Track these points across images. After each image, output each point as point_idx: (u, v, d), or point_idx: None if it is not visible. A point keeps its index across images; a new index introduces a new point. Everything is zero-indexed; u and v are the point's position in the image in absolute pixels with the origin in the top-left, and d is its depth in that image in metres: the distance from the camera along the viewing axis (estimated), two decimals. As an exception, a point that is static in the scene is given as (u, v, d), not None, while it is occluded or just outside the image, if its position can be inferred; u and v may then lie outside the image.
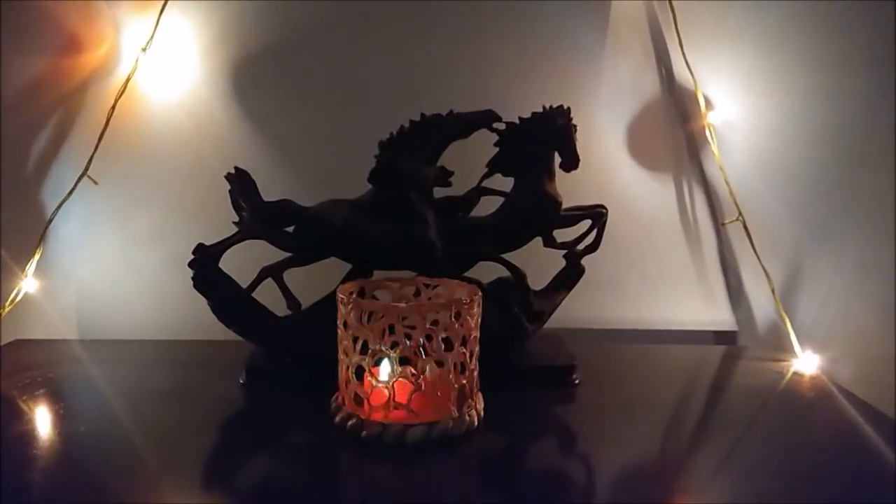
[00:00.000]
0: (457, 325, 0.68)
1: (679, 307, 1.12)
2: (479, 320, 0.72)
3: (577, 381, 0.86)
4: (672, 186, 1.09)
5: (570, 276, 0.92)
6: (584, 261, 0.90)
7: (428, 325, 0.67)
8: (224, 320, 0.82)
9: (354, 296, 0.72)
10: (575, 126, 0.87)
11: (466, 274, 0.85)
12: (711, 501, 0.63)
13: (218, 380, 0.84)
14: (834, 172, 1.09)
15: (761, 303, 1.12)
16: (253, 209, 0.81)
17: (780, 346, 1.06)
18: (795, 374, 0.97)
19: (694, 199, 1.10)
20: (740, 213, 1.04)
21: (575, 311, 0.95)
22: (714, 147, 1.05)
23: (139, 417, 0.75)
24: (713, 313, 1.13)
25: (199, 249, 0.80)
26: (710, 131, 1.05)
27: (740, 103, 1.07)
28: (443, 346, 0.68)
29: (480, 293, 0.73)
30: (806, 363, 0.99)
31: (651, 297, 1.12)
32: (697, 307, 1.13)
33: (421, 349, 0.66)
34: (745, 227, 1.04)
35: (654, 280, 1.11)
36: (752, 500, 0.63)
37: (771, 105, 1.07)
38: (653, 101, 1.07)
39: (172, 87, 1.02)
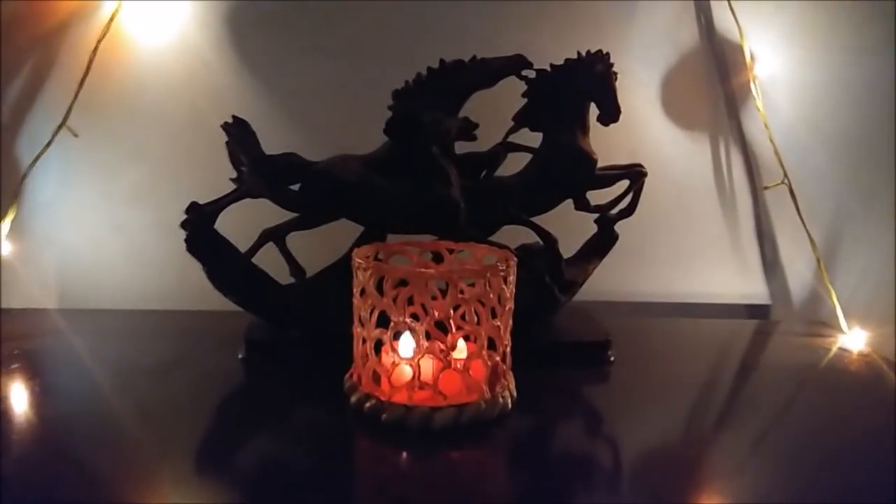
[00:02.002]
0: (491, 295, 0.62)
1: (710, 278, 1.07)
2: (514, 290, 0.66)
3: (612, 359, 0.81)
4: (708, 146, 1.04)
5: (603, 242, 0.86)
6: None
7: (458, 295, 0.61)
8: (220, 288, 0.77)
9: (373, 260, 0.67)
10: (615, 73, 0.81)
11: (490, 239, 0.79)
12: (757, 485, 0.59)
13: (214, 354, 0.80)
14: (880, 133, 1.02)
15: (797, 274, 1.06)
16: (253, 163, 0.75)
17: (815, 321, 1.02)
18: (841, 349, 0.91)
19: (731, 161, 1.04)
20: (786, 176, 0.97)
21: (598, 282, 0.88)
22: (759, 103, 0.98)
23: (126, 396, 0.70)
24: (746, 285, 1.08)
25: (193, 208, 0.75)
26: (756, 85, 0.98)
27: (783, 58, 1.01)
28: (475, 319, 0.62)
29: (516, 259, 0.66)
30: (854, 339, 0.93)
31: (680, 267, 1.07)
32: (730, 278, 1.07)
33: (450, 321, 0.61)
34: (791, 192, 0.98)
35: (684, 249, 1.06)
36: (799, 484, 0.58)
37: (816, 61, 1.00)
38: (690, 52, 1.01)
39: (161, 30, 0.95)
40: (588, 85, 0.80)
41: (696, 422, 0.70)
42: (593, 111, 0.82)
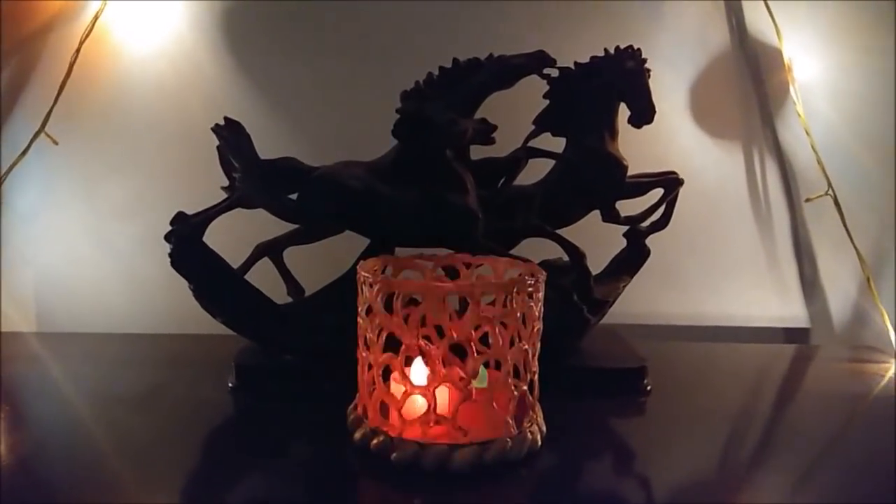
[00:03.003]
0: (518, 314, 0.56)
1: (743, 299, 1.02)
2: (543, 308, 0.60)
3: (649, 388, 0.76)
4: (741, 156, 1.00)
5: (634, 258, 0.81)
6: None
7: (480, 314, 0.55)
8: (209, 308, 0.73)
9: (382, 274, 0.62)
10: (648, 70, 0.77)
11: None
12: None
13: (201, 382, 0.76)
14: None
15: (839, 294, 1.02)
16: (246, 169, 0.72)
17: (860, 345, 0.97)
18: (901, 377, 0.86)
19: (766, 171, 1.00)
20: (830, 187, 0.93)
21: (621, 303, 0.83)
22: (799, 107, 0.94)
23: (105, 428, 0.67)
24: (783, 306, 1.03)
25: (179, 219, 0.71)
26: (795, 89, 0.94)
27: (820, 60, 0.97)
28: (499, 342, 0.56)
29: (545, 272, 0.61)
30: (911, 366, 0.88)
31: (711, 287, 1.02)
32: (765, 299, 1.02)
33: (471, 344, 0.56)
34: (837, 203, 0.93)
35: (715, 267, 1.02)
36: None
37: (857, 63, 0.97)
38: (721, 54, 0.98)
39: (150, 30, 0.93)
40: (618, 83, 0.76)
41: (739, 461, 0.65)
42: (622, 113, 0.78)
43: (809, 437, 0.69)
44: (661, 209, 0.80)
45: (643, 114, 0.76)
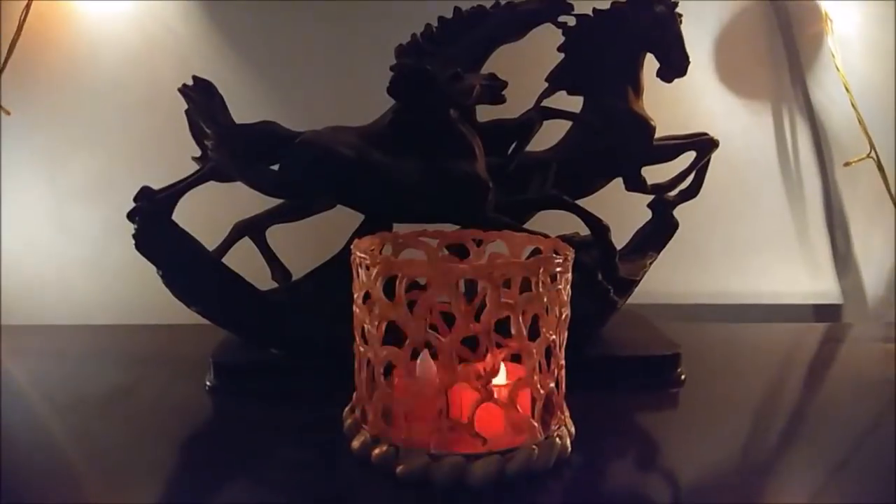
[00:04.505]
0: (545, 299, 0.50)
1: (771, 274, 1.01)
2: (570, 291, 0.54)
3: (683, 378, 0.71)
4: (770, 118, 0.98)
5: (660, 231, 0.76)
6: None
7: (502, 299, 0.49)
8: (181, 296, 0.69)
9: (381, 254, 0.56)
10: (680, 15, 0.71)
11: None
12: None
13: (176, 380, 0.74)
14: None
15: (874, 268, 1.00)
16: (220, 136, 0.67)
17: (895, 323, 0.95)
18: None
19: (797, 135, 0.97)
20: (873, 149, 0.88)
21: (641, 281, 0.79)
22: (838, 61, 0.89)
23: (72, 430, 0.65)
24: (814, 282, 1.00)
25: (144, 195, 0.67)
26: (833, 42, 0.89)
27: (857, 13, 0.94)
28: (522, 332, 0.50)
29: (573, 249, 0.55)
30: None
31: (737, 262, 1.00)
32: (795, 274, 1.01)
33: (490, 336, 0.49)
34: (880, 167, 0.89)
35: (742, 240, 0.98)
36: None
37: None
38: (748, 6, 0.94)
39: None
40: (645, 31, 0.71)
41: (779, 456, 0.62)
42: (647, 66, 0.73)
43: (844, 425, 0.66)
44: (691, 176, 0.74)
45: (676, 65, 0.71)
